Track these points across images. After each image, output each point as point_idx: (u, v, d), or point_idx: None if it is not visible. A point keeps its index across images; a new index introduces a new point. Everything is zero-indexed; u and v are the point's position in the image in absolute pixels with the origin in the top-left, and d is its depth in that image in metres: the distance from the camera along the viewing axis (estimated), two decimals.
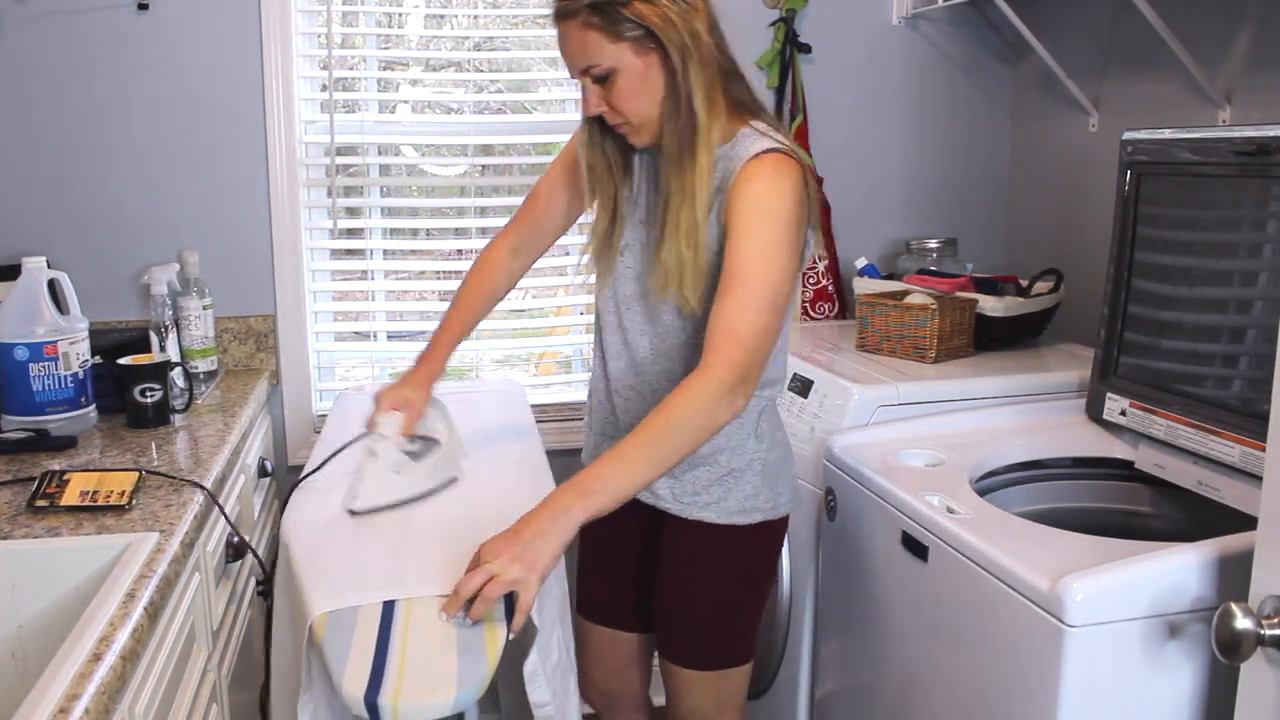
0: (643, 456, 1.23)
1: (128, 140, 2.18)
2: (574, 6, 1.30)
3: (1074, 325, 2.23)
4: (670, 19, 1.29)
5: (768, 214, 1.31)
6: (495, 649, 1.09)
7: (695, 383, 1.25)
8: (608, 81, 1.34)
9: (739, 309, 1.29)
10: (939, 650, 1.42)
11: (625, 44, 1.30)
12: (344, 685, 1.03)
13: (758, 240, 1.30)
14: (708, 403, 1.25)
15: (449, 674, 1.05)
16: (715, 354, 1.27)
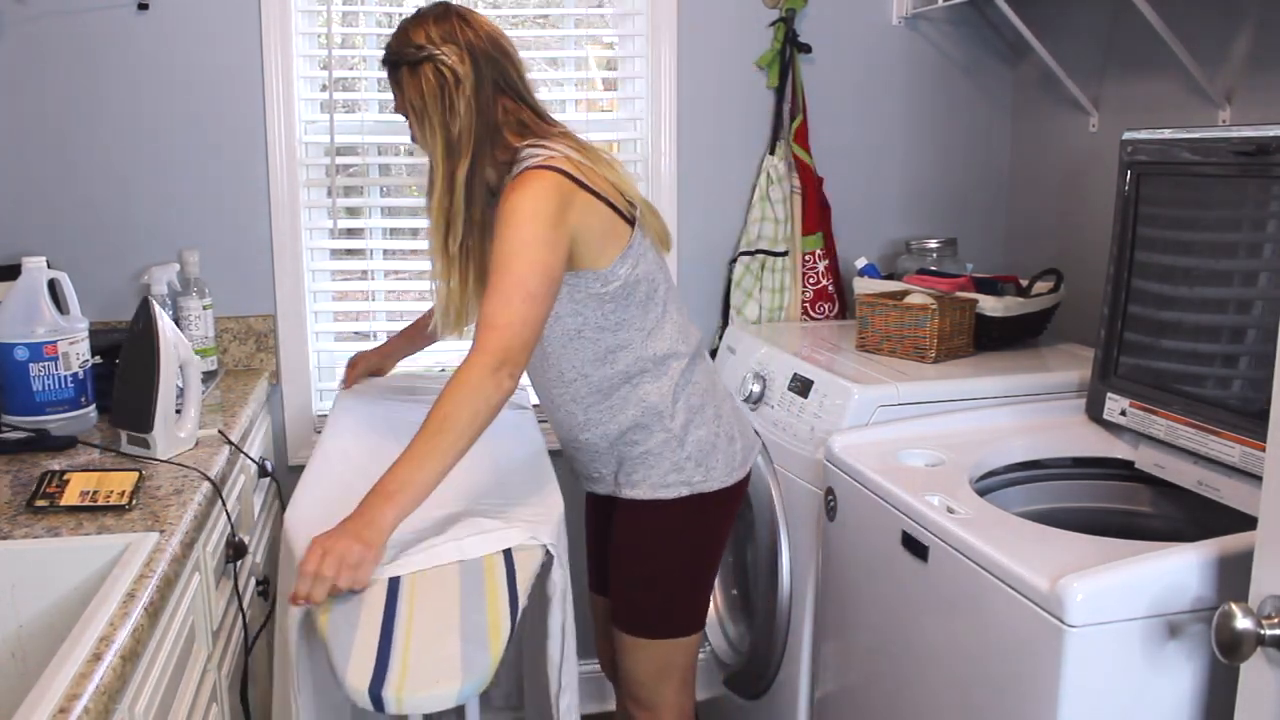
0: (430, 450, 1.34)
1: (128, 140, 2.18)
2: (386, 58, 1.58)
3: (1074, 325, 2.23)
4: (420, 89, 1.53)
5: (511, 219, 1.45)
6: (499, 640, 1.10)
7: (459, 373, 1.39)
8: None
9: (491, 303, 1.43)
10: (939, 650, 1.42)
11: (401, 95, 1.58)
12: (348, 678, 1.03)
13: (505, 240, 1.45)
14: (473, 387, 1.38)
15: (453, 664, 1.05)
16: (474, 344, 1.42)
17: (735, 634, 2.25)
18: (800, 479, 1.87)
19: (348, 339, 2.43)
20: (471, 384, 1.37)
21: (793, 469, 1.90)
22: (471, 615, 1.13)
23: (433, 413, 1.36)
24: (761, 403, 2.05)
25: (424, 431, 1.35)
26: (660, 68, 2.36)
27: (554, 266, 1.47)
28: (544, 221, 1.46)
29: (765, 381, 2.06)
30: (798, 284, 2.45)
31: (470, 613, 1.14)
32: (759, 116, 2.45)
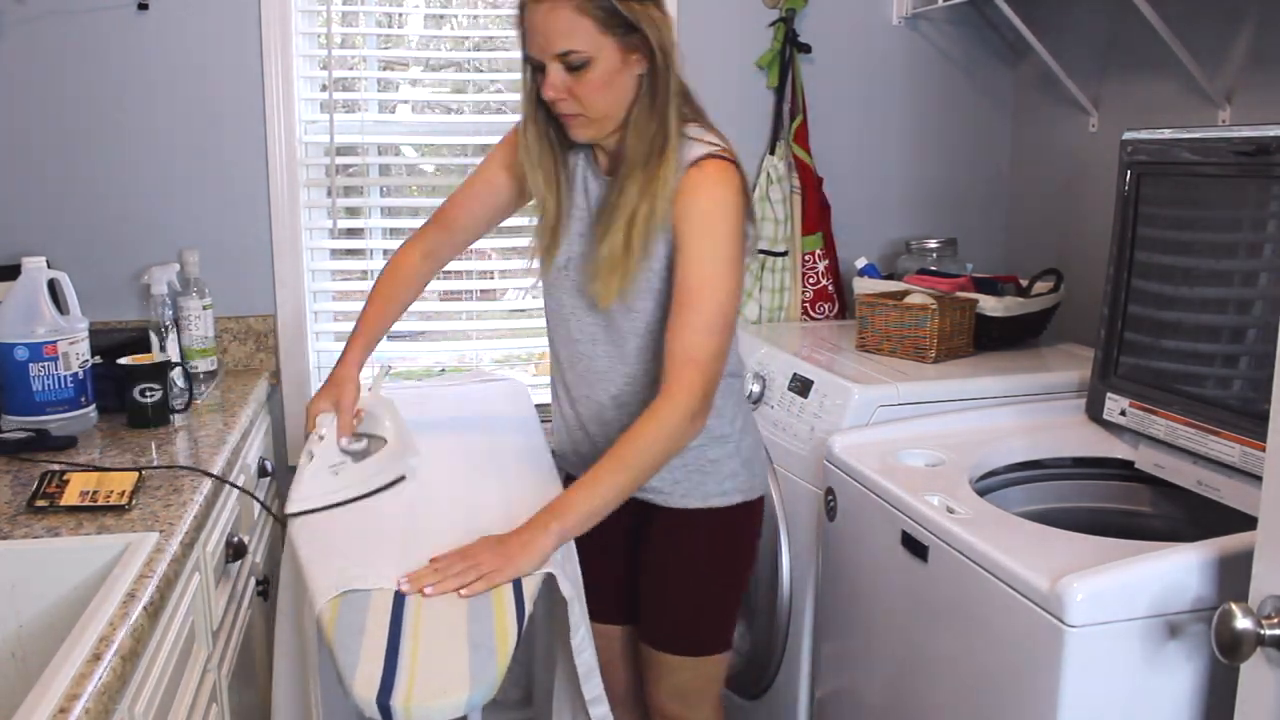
0: (613, 482, 1.33)
1: (127, 140, 2.18)
2: None
3: (1074, 325, 2.23)
4: (659, 25, 1.35)
5: (715, 232, 1.37)
6: (507, 648, 1.09)
7: (663, 411, 1.35)
8: (579, 70, 1.35)
9: (694, 333, 1.36)
10: (939, 650, 1.42)
11: (612, 38, 1.33)
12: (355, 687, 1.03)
13: (708, 261, 1.37)
14: (675, 430, 1.35)
15: (461, 674, 1.04)
16: (678, 382, 1.35)
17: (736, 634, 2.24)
18: (800, 479, 1.87)
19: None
20: (675, 426, 1.34)
21: (793, 469, 1.90)
22: (478, 624, 1.13)
23: (625, 446, 1.33)
24: (761, 403, 2.05)
25: (612, 462, 1.33)
26: None
27: (741, 288, 1.42)
28: (739, 233, 1.39)
29: (765, 381, 2.06)
30: (798, 284, 2.45)
31: (477, 621, 1.13)
32: (759, 116, 2.45)
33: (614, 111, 1.39)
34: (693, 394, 1.35)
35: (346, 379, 1.56)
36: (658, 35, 1.35)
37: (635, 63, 1.37)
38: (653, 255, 1.42)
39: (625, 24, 1.33)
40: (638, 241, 1.39)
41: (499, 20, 2.44)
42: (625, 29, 1.33)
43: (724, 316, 1.38)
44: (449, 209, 1.61)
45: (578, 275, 1.50)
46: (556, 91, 1.37)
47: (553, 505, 1.30)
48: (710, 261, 1.37)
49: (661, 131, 1.38)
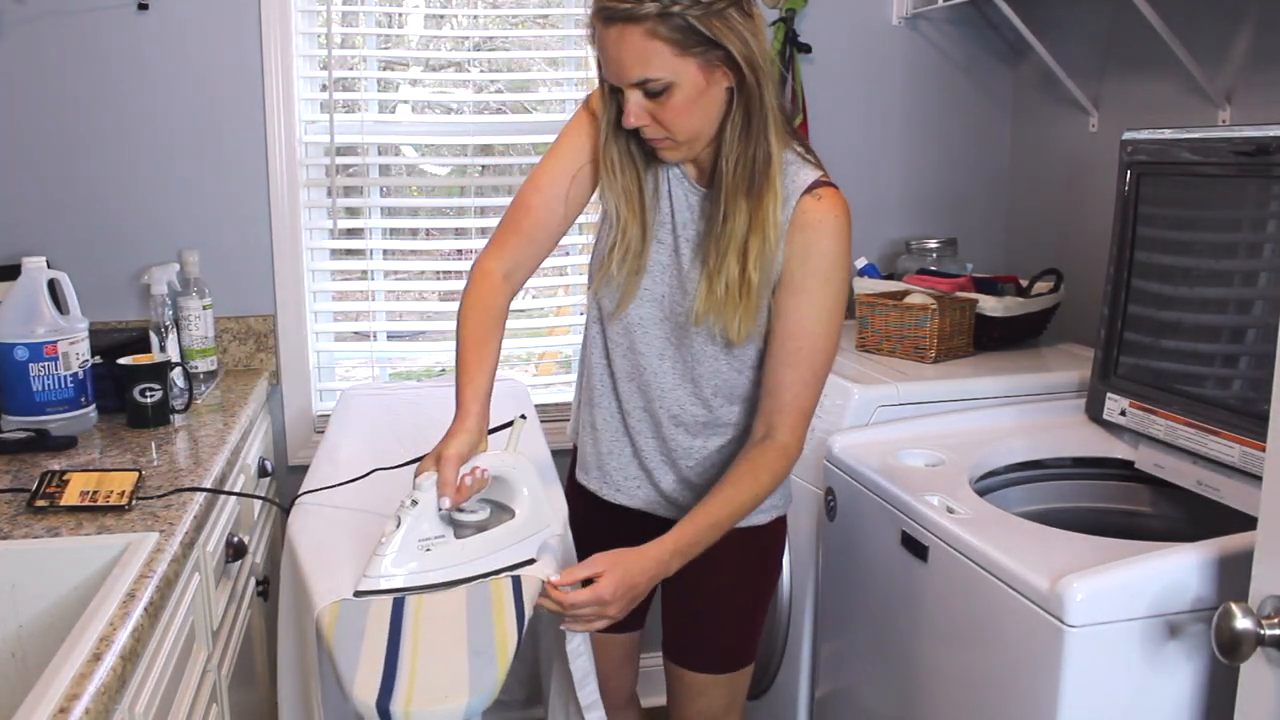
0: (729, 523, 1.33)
1: (128, 140, 2.18)
2: (639, 11, 1.18)
3: (1074, 325, 2.23)
4: (744, 37, 1.22)
5: (836, 279, 1.33)
6: (506, 654, 1.09)
7: (777, 462, 1.35)
8: (661, 95, 1.24)
9: (807, 386, 1.35)
10: (939, 650, 1.42)
11: (691, 59, 1.22)
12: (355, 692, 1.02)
13: (824, 309, 1.33)
14: (782, 476, 1.37)
15: (460, 679, 1.04)
16: (791, 432, 1.35)
17: None
18: (800, 479, 1.87)
19: (348, 339, 2.43)
20: (779, 476, 1.36)
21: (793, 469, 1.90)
22: (478, 629, 1.12)
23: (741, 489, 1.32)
24: None
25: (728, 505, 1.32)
26: None
27: None
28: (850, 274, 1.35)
29: None
30: None
31: (477, 627, 1.13)
32: None
33: (704, 131, 1.29)
34: (800, 443, 1.36)
35: (458, 431, 1.25)
36: (743, 48, 1.22)
37: (722, 78, 1.25)
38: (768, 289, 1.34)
39: (705, 40, 1.20)
40: (756, 276, 1.30)
41: (499, 20, 2.44)
42: (706, 46, 1.21)
43: (829, 365, 1.37)
44: (522, 218, 1.41)
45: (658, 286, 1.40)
46: (639, 119, 1.26)
47: (679, 545, 1.28)
48: (830, 311, 1.33)
49: (764, 154, 1.28)
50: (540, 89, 2.48)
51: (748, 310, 1.33)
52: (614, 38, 1.21)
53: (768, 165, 1.29)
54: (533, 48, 2.45)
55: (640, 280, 1.41)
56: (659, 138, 1.30)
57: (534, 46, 2.45)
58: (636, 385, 1.46)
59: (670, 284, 1.41)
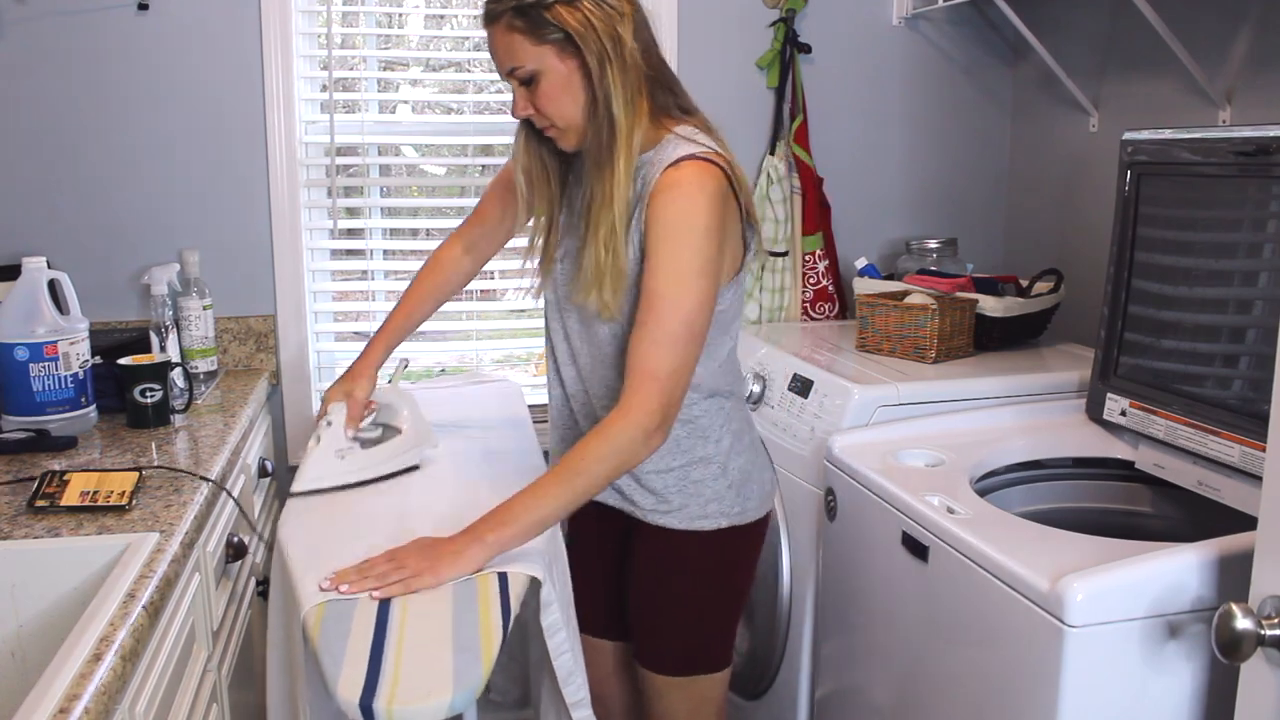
0: (556, 493, 1.27)
1: (128, 140, 2.18)
2: (498, 9, 1.31)
3: (1074, 325, 2.23)
4: (590, 23, 1.28)
5: (681, 237, 1.30)
6: (491, 650, 1.09)
7: (614, 426, 1.28)
8: (532, 84, 1.33)
9: (655, 346, 1.30)
10: (939, 650, 1.42)
11: (548, 47, 1.30)
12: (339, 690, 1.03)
13: (673, 268, 1.30)
14: (626, 445, 1.28)
15: (445, 676, 1.04)
16: (634, 396, 1.29)
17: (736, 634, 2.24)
18: (800, 479, 1.87)
19: (348, 339, 2.43)
20: (626, 442, 1.28)
21: (793, 469, 1.90)
22: (464, 625, 1.12)
23: (573, 456, 1.28)
24: (761, 403, 2.05)
25: (557, 472, 1.28)
26: None
27: (714, 295, 1.33)
28: (713, 239, 1.31)
29: (765, 381, 2.06)
30: (798, 284, 2.45)
31: (462, 623, 1.13)
32: (759, 116, 2.45)
33: (578, 116, 1.34)
34: (647, 410, 1.28)
35: (362, 373, 1.59)
36: (582, 31, 1.28)
37: (577, 67, 1.32)
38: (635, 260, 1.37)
39: (554, 29, 1.29)
40: (606, 253, 1.34)
41: None
42: (558, 34, 1.29)
43: (688, 328, 1.30)
44: (482, 203, 1.64)
45: (570, 268, 1.46)
46: (522, 109, 1.36)
47: (493, 514, 1.25)
48: (675, 270, 1.30)
49: (607, 128, 1.32)
50: None
51: (613, 285, 1.35)
52: (491, 37, 1.33)
53: (612, 142, 1.32)
54: None
55: (552, 266, 1.49)
56: (546, 126, 1.37)
57: None
58: (574, 369, 1.51)
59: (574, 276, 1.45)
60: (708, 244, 1.31)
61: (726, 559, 1.52)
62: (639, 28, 1.33)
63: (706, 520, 1.48)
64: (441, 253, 1.66)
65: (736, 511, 1.49)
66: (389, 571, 1.19)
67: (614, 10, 1.30)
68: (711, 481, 1.48)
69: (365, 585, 1.17)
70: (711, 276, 1.33)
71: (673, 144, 1.35)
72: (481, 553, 1.22)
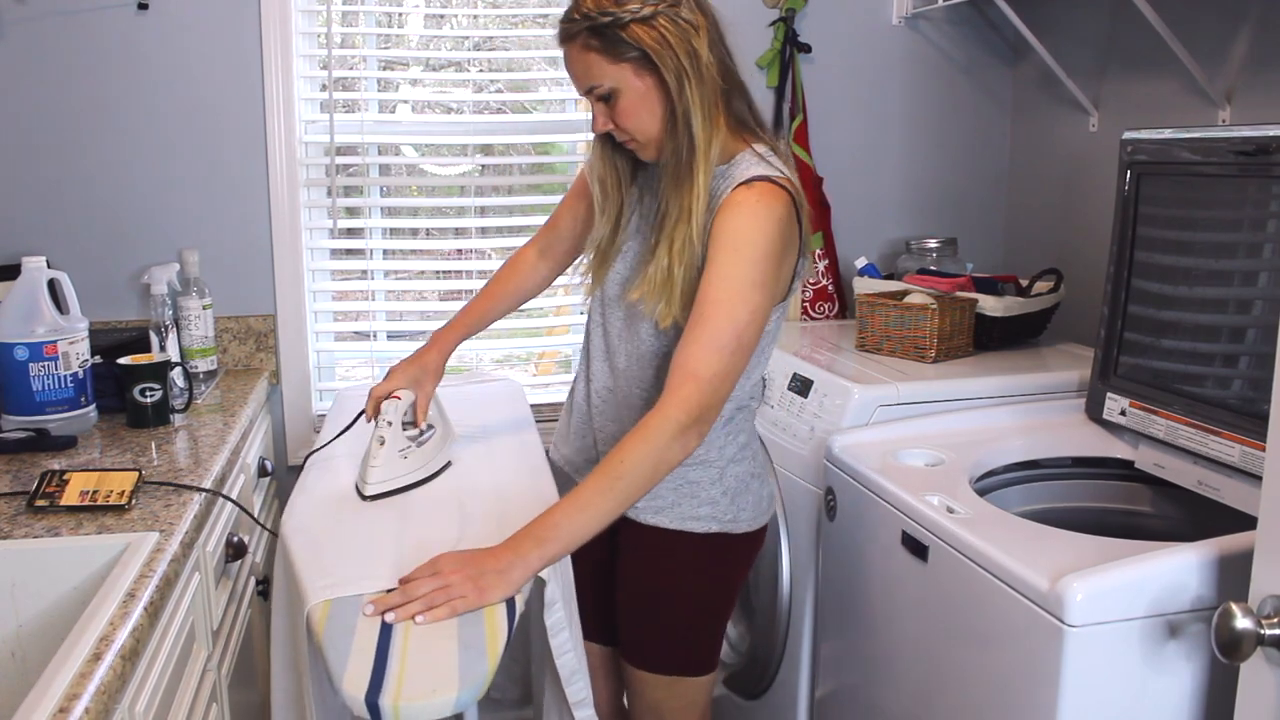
0: (599, 504, 1.26)
1: (128, 140, 2.18)
2: (574, 29, 1.33)
3: (1074, 325, 2.23)
4: (667, 41, 1.31)
5: (743, 250, 1.32)
6: (496, 648, 1.09)
7: (650, 424, 1.28)
8: (611, 100, 1.35)
9: (702, 349, 1.30)
10: (939, 650, 1.42)
11: (625, 65, 1.33)
12: (344, 686, 1.03)
13: (731, 278, 1.32)
14: (661, 445, 1.28)
15: (450, 673, 1.04)
16: (673, 394, 1.29)
17: (735, 634, 2.25)
18: (800, 479, 1.87)
19: (348, 339, 2.43)
20: (661, 441, 1.27)
21: (793, 469, 1.90)
22: (469, 624, 1.13)
23: (611, 463, 1.27)
24: (761, 403, 2.05)
25: (597, 481, 1.26)
26: None
27: (767, 311, 1.36)
28: (774, 258, 1.33)
29: (765, 381, 2.06)
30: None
31: (467, 621, 1.13)
32: None
33: (656, 130, 1.37)
34: (685, 409, 1.28)
35: (432, 367, 1.59)
36: (664, 51, 1.31)
37: (655, 83, 1.34)
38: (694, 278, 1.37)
39: (630, 46, 1.31)
40: (677, 266, 1.36)
41: (499, 20, 2.44)
42: (633, 52, 1.31)
43: (737, 339, 1.31)
44: (556, 212, 1.67)
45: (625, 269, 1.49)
46: (603, 125, 1.39)
47: (536, 528, 1.23)
48: (733, 281, 1.31)
49: (687, 144, 1.34)
50: (540, 89, 2.48)
51: (670, 296, 1.38)
52: (567, 56, 1.36)
53: (691, 157, 1.34)
54: (533, 48, 2.45)
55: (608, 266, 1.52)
56: (626, 139, 1.40)
57: (534, 46, 2.45)
58: (606, 362, 1.55)
59: (633, 268, 1.49)
60: (767, 262, 1.33)
61: (714, 564, 1.51)
62: (714, 41, 1.35)
63: (698, 522, 1.48)
64: (517, 256, 1.69)
65: (729, 518, 1.49)
66: (434, 595, 1.15)
67: (689, 25, 1.32)
68: (708, 485, 1.48)
69: (412, 610, 1.14)
70: (767, 294, 1.34)
71: (746, 161, 1.38)
72: (524, 572, 1.20)
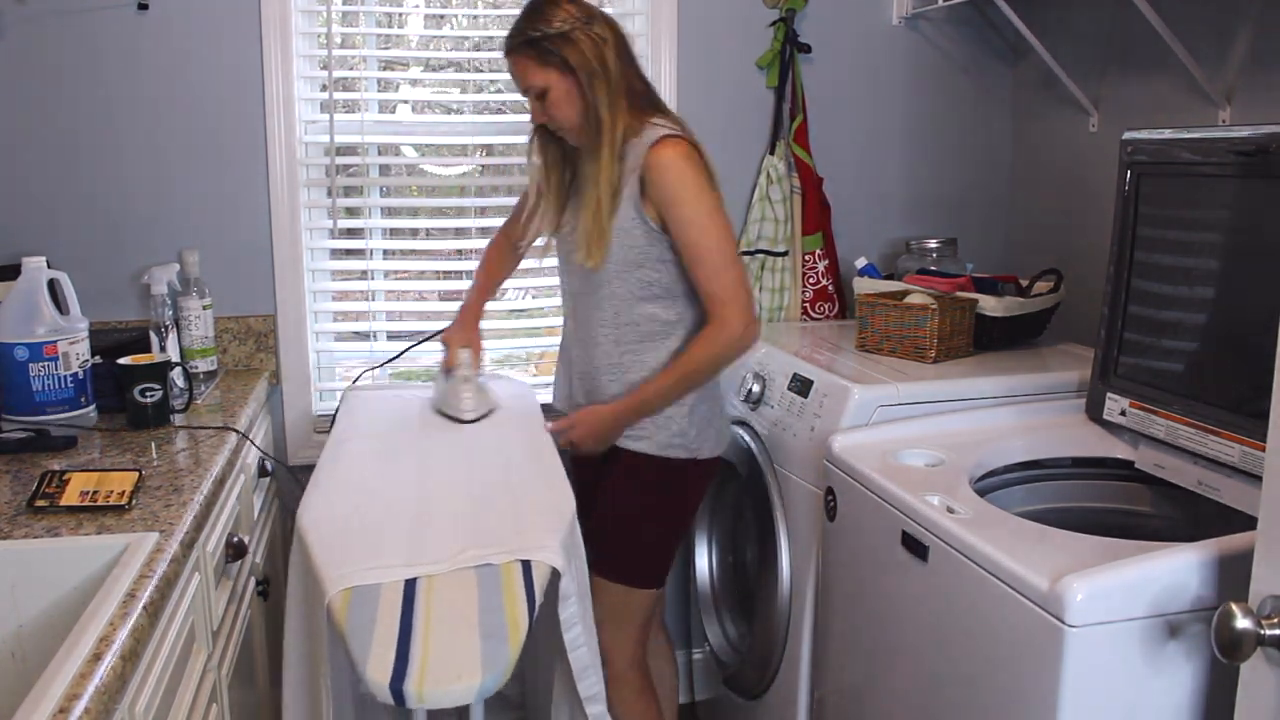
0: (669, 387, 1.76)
1: (128, 140, 2.18)
2: (513, 43, 1.73)
3: (1074, 325, 2.23)
4: (581, 51, 1.69)
5: (687, 192, 1.69)
6: (519, 636, 1.10)
7: (709, 333, 1.73)
8: (544, 97, 1.73)
9: (711, 281, 1.72)
10: (939, 650, 1.42)
11: (551, 69, 1.71)
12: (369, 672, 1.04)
13: (691, 217, 1.70)
14: (725, 342, 1.73)
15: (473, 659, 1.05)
16: (714, 317, 1.72)
17: (735, 634, 2.25)
18: (800, 479, 1.87)
19: (348, 339, 2.43)
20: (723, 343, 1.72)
21: (793, 469, 1.90)
22: (489, 612, 1.14)
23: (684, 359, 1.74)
24: (761, 403, 2.05)
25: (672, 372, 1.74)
26: (660, 67, 2.36)
27: (730, 226, 1.74)
28: (708, 188, 1.71)
29: (765, 381, 2.06)
30: (798, 284, 2.45)
31: (488, 610, 1.14)
32: (759, 116, 2.45)
33: (579, 118, 1.74)
34: (732, 320, 1.71)
35: (473, 324, 2.01)
36: (577, 58, 1.69)
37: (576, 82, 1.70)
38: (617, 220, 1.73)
39: (555, 55, 1.69)
40: (590, 219, 1.72)
41: (499, 20, 2.44)
42: (556, 59, 1.70)
43: (725, 254, 1.72)
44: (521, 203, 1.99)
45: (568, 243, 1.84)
46: (537, 117, 1.78)
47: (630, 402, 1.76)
48: (695, 218, 1.70)
49: (594, 125, 1.72)
50: None
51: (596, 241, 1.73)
52: (510, 64, 1.76)
53: (598, 133, 1.72)
54: None
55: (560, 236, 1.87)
56: (555, 128, 1.78)
57: None
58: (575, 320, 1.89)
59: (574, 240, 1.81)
60: (708, 193, 1.71)
61: (675, 486, 1.84)
62: (620, 49, 1.74)
63: (671, 450, 1.80)
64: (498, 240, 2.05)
65: (695, 447, 1.82)
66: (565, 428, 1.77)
67: (599, 38, 1.71)
68: (680, 419, 1.80)
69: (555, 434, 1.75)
70: (722, 214, 1.73)
71: (651, 130, 1.74)
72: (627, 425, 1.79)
